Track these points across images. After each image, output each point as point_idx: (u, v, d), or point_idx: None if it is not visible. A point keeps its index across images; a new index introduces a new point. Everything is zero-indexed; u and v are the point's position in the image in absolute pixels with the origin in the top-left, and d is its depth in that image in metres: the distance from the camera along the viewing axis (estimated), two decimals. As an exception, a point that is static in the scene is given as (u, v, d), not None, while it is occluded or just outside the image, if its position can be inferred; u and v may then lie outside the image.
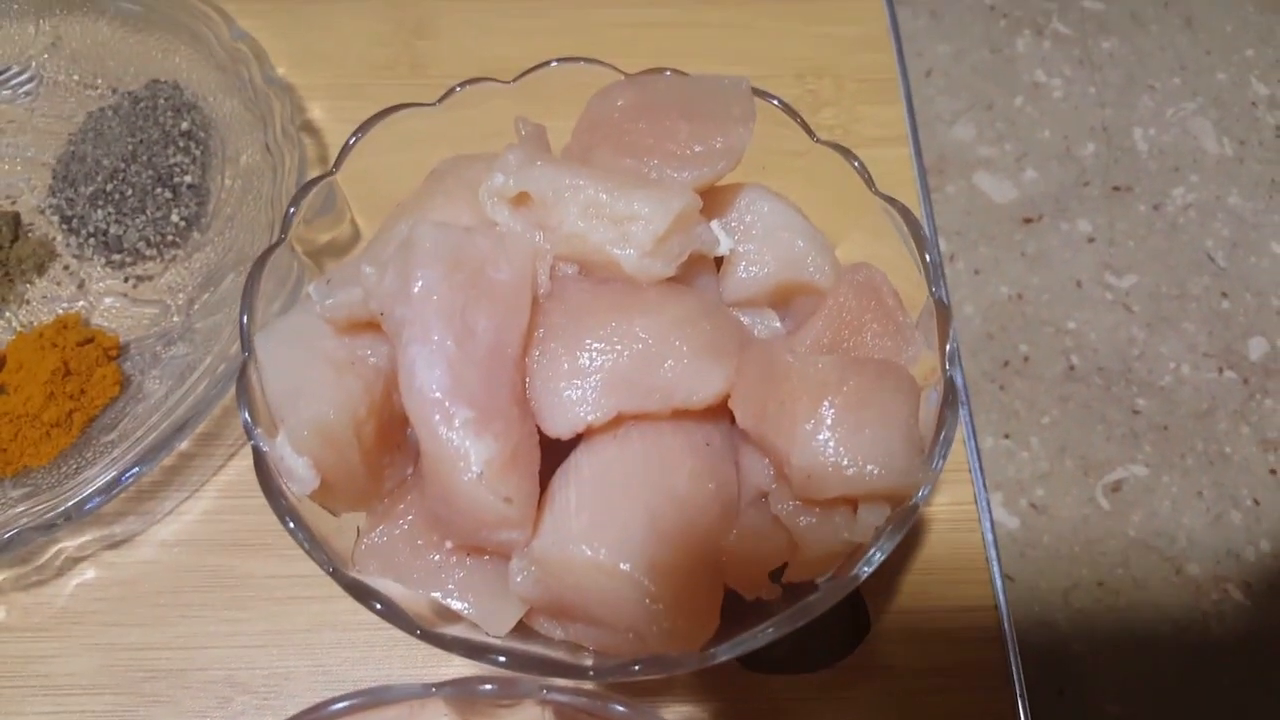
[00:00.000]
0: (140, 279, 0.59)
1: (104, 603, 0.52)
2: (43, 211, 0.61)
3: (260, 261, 0.46)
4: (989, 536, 0.51)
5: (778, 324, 0.48)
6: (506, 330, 0.41)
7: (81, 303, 0.59)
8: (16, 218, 0.60)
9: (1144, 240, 0.60)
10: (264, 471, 0.41)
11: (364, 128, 0.50)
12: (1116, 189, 0.61)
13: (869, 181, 0.48)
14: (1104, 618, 0.49)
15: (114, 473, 0.51)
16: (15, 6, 0.66)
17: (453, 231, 0.43)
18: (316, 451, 0.42)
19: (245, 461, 0.55)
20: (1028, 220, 0.60)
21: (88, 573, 0.53)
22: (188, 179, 0.60)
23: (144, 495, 0.54)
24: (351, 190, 0.52)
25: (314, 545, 0.40)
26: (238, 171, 0.61)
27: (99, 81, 0.65)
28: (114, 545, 0.53)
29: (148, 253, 0.59)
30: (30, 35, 0.67)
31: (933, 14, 0.70)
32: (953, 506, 0.53)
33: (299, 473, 0.41)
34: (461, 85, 0.52)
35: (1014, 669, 0.49)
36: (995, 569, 0.50)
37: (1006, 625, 0.50)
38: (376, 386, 0.44)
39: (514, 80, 0.53)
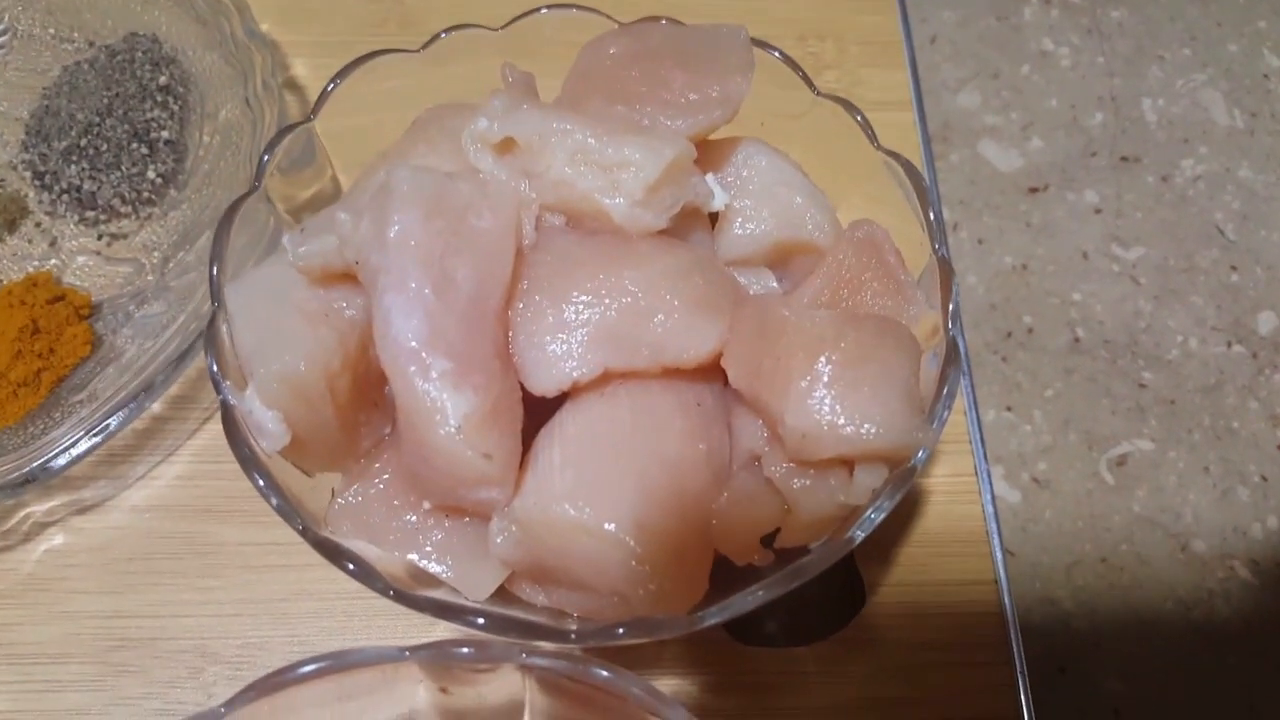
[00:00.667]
0: (114, 237, 0.57)
1: (72, 569, 0.50)
2: (14, 167, 0.59)
3: (231, 210, 0.44)
4: (989, 510, 0.49)
5: (774, 283, 0.46)
6: (488, 281, 0.39)
7: (54, 261, 0.57)
8: (-14, 173, 0.58)
9: (1152, 212, 0.58)
10: (232, 426, 0.39)
11: (343, 73, 0.48)
12: (1124, 159, 0.59)
13: (872, 137, 0.47)
14: (1107, 595, 0.47)
15: (82, 433, 0.49)
16: (-12, -44, 0.64)
17: (432, 176, 0.41)
18: (287, 405, 0.40)
19: (219, 425, 0.53)
20: (1033, 190, 0.58)
21: (56, 538, 0.51)
22: (165, 134, 0.58)
23: (115, 459, 0.52)
24: (333, 146, 0.50)
25: (283, 502, 0.38)
26: (216, 127, 0.59)
27: (75, 35, 0.63)
28: (83, 510, 0.51)
29: (122, 210, 0.57)
30: (4, -12, 0.65)
31: (938, -20, 0.68)
32: (952, 478, 0.52)
33: (269, 427, 0.39)
34: (447, 31, 0.50)
35: (1014, 645, 0.47)
36: (996, 543, 0.48)
37: (1007, 601, 0.48)
38: (351, 339, 0.42)
39: (502, 27, 0.51)
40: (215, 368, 0.40)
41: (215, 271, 0.43)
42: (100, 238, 0.57)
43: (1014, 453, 0.52)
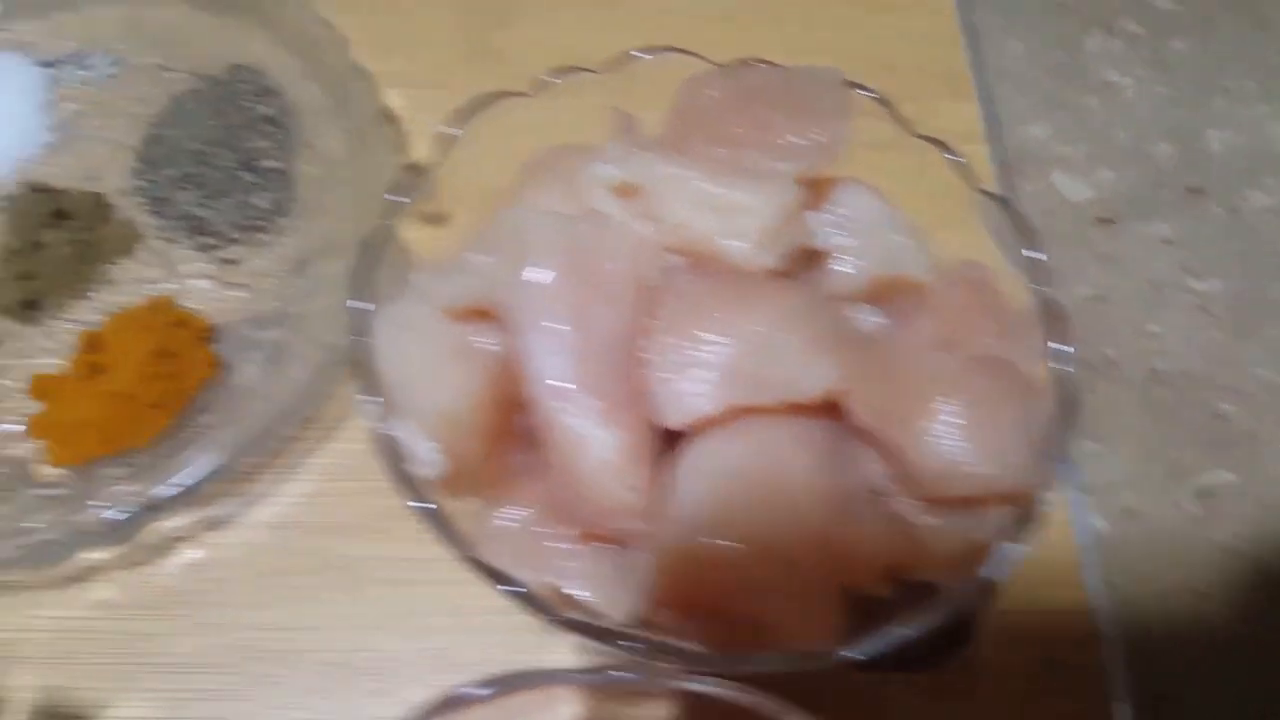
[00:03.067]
0: (227, 262, 0.60)
1: (208, 583, 0.53)
2: (127, 194, 0.62)
3: (370, 247, 0.47)
4: (1082, 540, 0.52)
5: (878, 319, 0.48)
6: (620, 320, 0.42)
7: (170, 285, 0.59)
8: (102, 199, 0.61)
9: (1221, 243, 0.60)
10: (391, 457, 0.42)
11: (465, 116, 0.51)
12: (1191, 191, 0.62)
13: (968, 176, 0.49)
14: (1200, 626, 0.50)
15: (217, 456, 0.52)
16: (95, -12, 0.67)
17: (565, 221, 0.44)
18: (444, 437, 0.42)
19: (340, 445, 0.56)
20: (1104, 221, 0.60)
21: (190, 553, 0.54)
22: (271, 164, 0.61)
23: (239, 477, 0.54)
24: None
25: (449, 530, 0.41)
26: (321, 158, 0.62)
27: (178, 65, 0.66)
28: (213, 526, 0.54)
29: (234, 236, 0.60)
30: (110, 18, 0.67)
31: (1002, 10, 0.70)
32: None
33: (427, 457, 0.42)
34: (554, 75, 0.53)
35: (1113, 675, 0.49)
36: (1090, 572, 0.51)
37: (1104, 630, 0.50)
38: (493, 374, 0.44)
39: (605, 70, 0.53)
40: (372, 402, 0.43)
41: (357, 306, 0.45)
42: (214, 263, 0.60)
43: (1101, 483, 0.54)
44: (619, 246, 0.43)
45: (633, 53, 0.53)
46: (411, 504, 0.42)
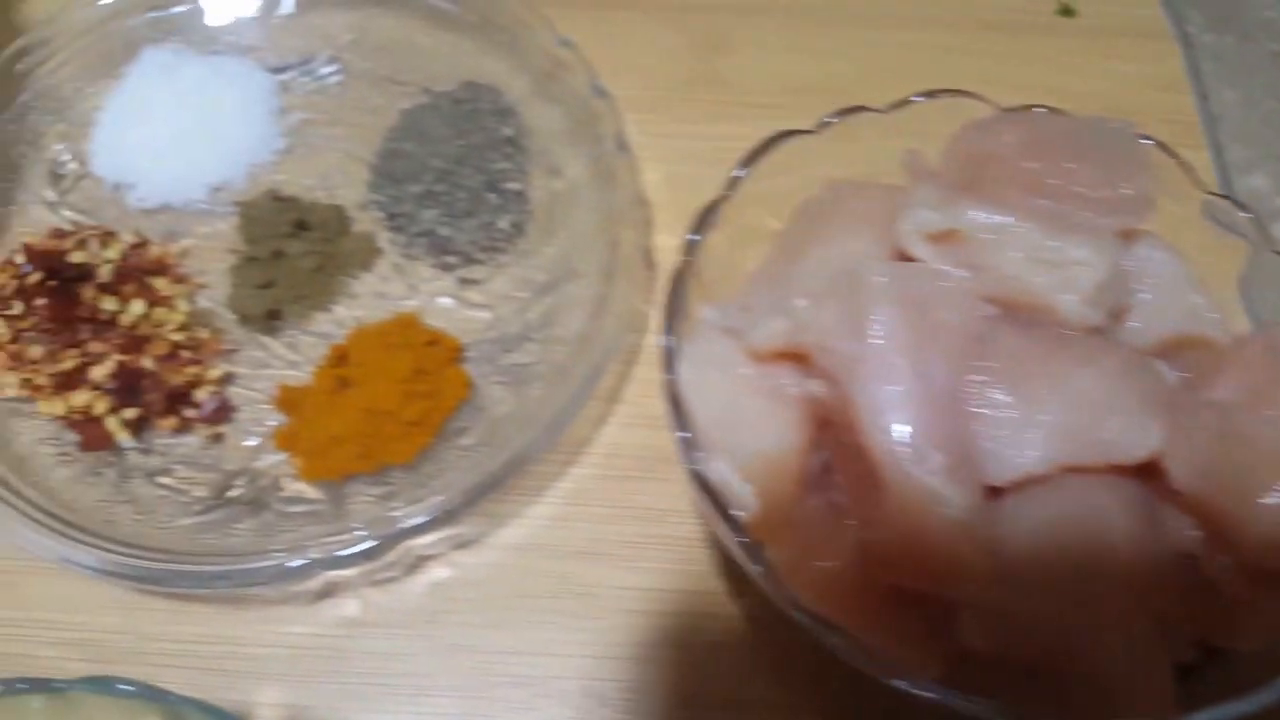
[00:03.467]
0: (468, 282, 0.60)
1: (455, 604, 0.53)
2: (365, 207, 0.62)
3: (678, 283, 0.47)
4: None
5: (1176, 376, 0.48)
6: (953, 373, 0.42)
7: (412, 301, 0.59)
8: (342, 212, 0.61)
9: None
10: (710, 497, 0.42)
11: (752, 159, 0.50)
12: None
13: (1266, 238, 0.49)
14: None
15: (474, 477, 0.51)
16: (323, -6, 0.67)
17: (904, 269, 0.43)
18: (760, 480, 0.42)
19: (584, 470, 0.56)
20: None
21: (438, 572, 0.53)
22: (513, 185, 0.61)
23: (488, 498, 0.54)
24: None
25: (771, 575, 0.40)
26: (560, 181, 0.62)
27: (406, 77, 0.66)
28: (462, 546, 0.54)
29: (477, 256, 0.60)
30: (336, 25, 0.67)
31: (1217, 58, 0.70)
32: None
33: (742, 499, 0.42)
34: (839, 115, 0.52)
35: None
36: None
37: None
38: (806, 419, 0.44)
39: (889, 109, 0.53)
40: (688, 441, 0.42)
41: (668, 343, 0.45)
42: (457, 282, 0.60)
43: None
44: (954, 297, 0.43)
45: (914, 98, 0.53)
46: (732, 543, 0.41)
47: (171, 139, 0.61)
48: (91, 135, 0.63)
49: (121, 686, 0.36)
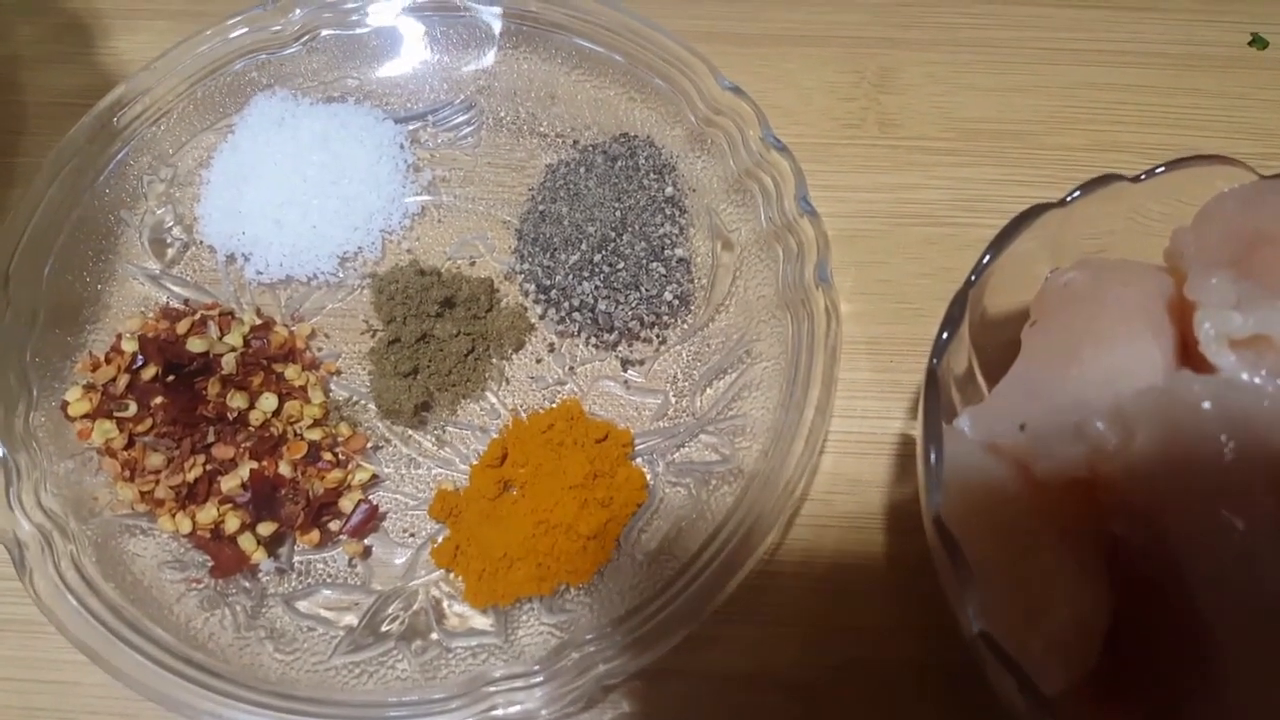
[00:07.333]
0: (630, 362, 0.53)
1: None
2: (510, 277, 0.55)
3: (931, 393, 0.39)
4: None
5: None
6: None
7: (570, 386, 0.52)
8: (491, 285, 0.54)
9: None
10: (1006, 664, 0.35)
11: (1001, 243, 0.43)
12: None
13: None
14: None
15: (657, 601, 0.45)
16: (452, 34, 0.60)
17: (1227, 389, 0.36)
18: (1066, 648, 0.36)
19: (776, 582, 0.49)
20: None
21: (622, 704, 0.47)
22: (678, 252, 0.54)
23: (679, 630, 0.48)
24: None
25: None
26: (725, 243, 0.55)
27: (548, 127, 0.58)
28: (640, 675, 0.47)
29: (641, 334, 0.53)
30: (467, 66, 0.60)
31: None
32: None
33: (1053, 673, 0.35)
34: (1090, 186, 0.45)
35: None
36: None
37: None
38: (1102, 563, 0.37)
39: (1144, 178, 0.46)
40: (977, 621, 0.35)
41: (932, 462, 0.38)
42: (617, 362, 0.53)
43: None
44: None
45: (1161, 169, 0.46)
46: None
47: (291, 201, 0.54)
48: (199, 197, 0.56)
49: None
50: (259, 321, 0.52)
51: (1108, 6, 0.66)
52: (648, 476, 0.49)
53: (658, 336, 0.53)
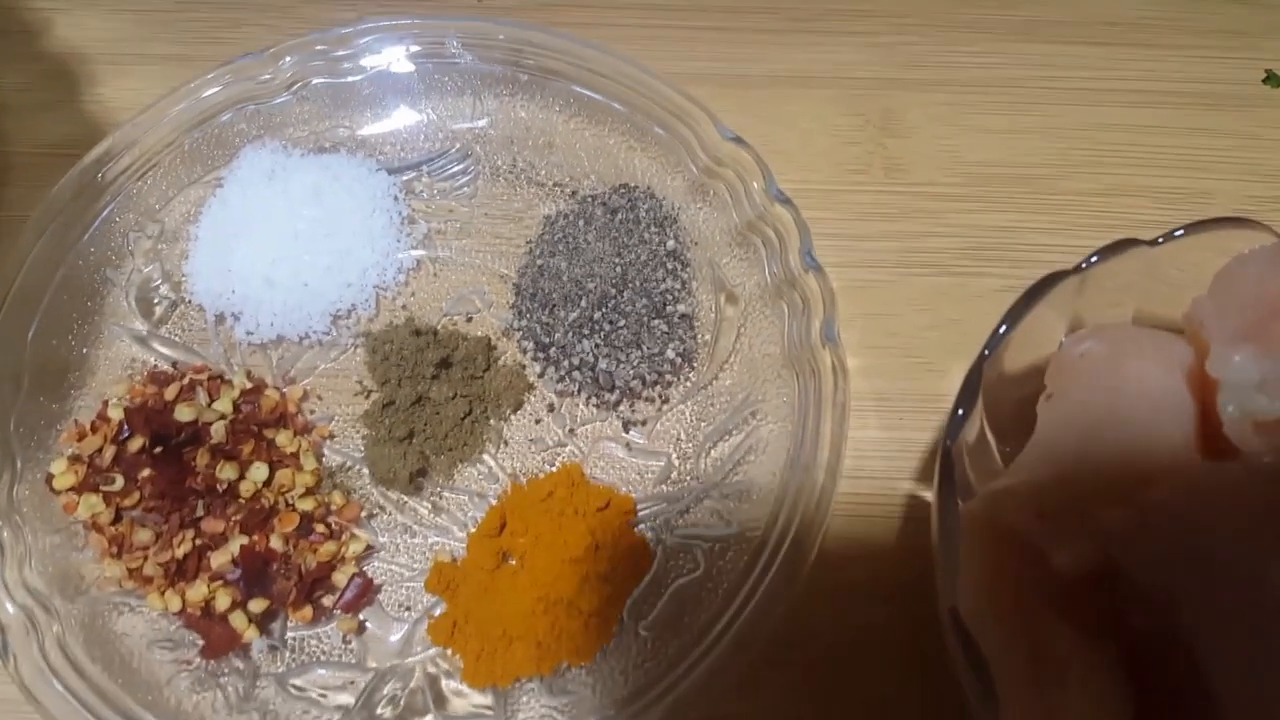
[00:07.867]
0: (632, 422, 0.51)
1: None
2: (508, 334, 0.53)
3: (946, 472, 0.38)
4: None
5: None
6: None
7: (570, 448, 0.51)
8: (489, 343, 0.52)
9: None
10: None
11: (1018, 313, 0.42)
12: None
13: None
14: None
15: (666, 677, 0.44)
16: (448, 81, 0.58)
17: (1252, 475, 0.35)
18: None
19: (784, 652, 0.48)
20: None
21: (627, 789, 0.45)
22: (680, 308, 0.52)
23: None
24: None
25: None
26: (729, 296, 0.53)
27: (545, 177, 0.57)
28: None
29: (643, 393, 0.51)
30: (462, 114, 0.58)
31: None
32: None
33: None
34: (1103, 253, 0.44)
35: None
36: None
37: None
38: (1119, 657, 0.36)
39: (1161, 241, 0.44)
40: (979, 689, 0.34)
41: (947, 557, 0.37)
42: (618, 423, 0.51)
43: None
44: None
45: (1177, 232, 0.44)
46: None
47: (282, 258, 0.52)
48: (187, 254, 0.54)
49: None
50: (249, 385, 0.50)
51: (1117, 44, 0.64)
52: (652, 544, 0.48)
53: (660, 395, 0.52)
